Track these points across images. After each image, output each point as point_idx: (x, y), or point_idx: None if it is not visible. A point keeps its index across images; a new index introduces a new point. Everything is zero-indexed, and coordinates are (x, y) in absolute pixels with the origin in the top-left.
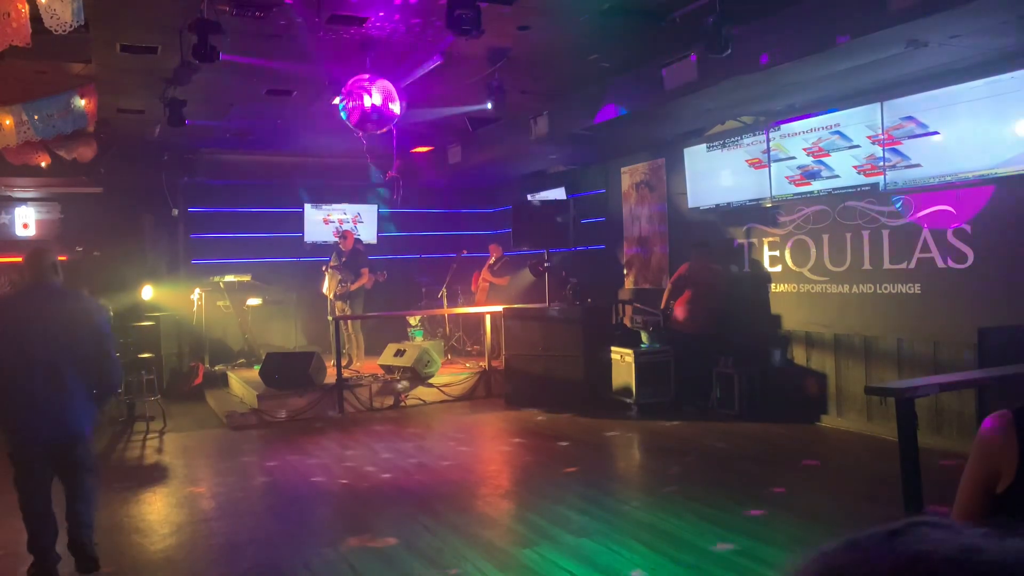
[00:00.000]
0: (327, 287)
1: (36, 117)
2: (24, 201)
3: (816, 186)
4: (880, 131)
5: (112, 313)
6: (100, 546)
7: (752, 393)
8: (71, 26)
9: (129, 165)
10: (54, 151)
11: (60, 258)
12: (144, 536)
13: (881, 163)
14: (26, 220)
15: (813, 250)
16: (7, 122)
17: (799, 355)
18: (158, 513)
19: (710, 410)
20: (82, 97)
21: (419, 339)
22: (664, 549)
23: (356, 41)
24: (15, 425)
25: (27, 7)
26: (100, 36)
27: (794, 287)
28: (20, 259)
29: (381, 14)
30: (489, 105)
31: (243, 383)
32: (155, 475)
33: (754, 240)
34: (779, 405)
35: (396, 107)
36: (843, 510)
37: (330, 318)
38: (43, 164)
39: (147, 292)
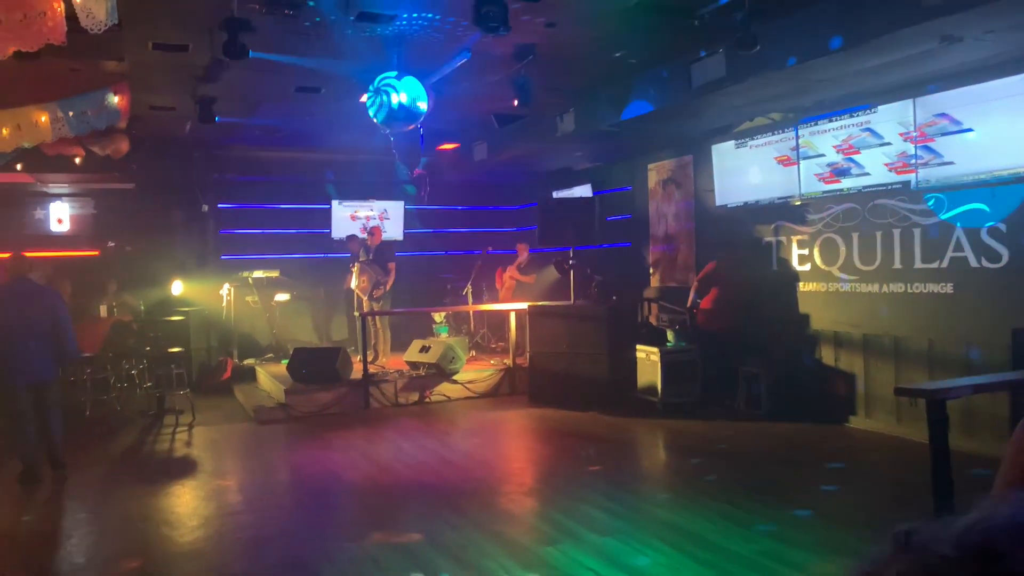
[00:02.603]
0: (354, 283)
1: (71, 114)
2: (59, 196)
3: (846, 184)
4: (912, 128)
5: (143, 308)
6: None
7: (779, 393)
8: (105, 25)
9: (161, 161)
10: (88, 147)
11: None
12: (173, 528)
13: (913, 160)
14: (60, 215)
15: (842, 249)
16: (43, 119)
17: (827, 355)
18: (186, 506)
19: (736, 410)
20: (115, 94)
21: (444, 335)
22: (688, 549)
23: (384, 38)
24: (5, 372)
25: (63, 6)
26: (133, 34)
27: (823, 286)
28: (48, 256)
29: (410, 11)
30: (515, 102)
31: (271, 378)
32: (184, 468)
33: (782, 238)
34: (806, 405)
35: (423, 104)
36: (871, 513)
37: (357, 314)
38: (77, 160)
39: (177, 287)
